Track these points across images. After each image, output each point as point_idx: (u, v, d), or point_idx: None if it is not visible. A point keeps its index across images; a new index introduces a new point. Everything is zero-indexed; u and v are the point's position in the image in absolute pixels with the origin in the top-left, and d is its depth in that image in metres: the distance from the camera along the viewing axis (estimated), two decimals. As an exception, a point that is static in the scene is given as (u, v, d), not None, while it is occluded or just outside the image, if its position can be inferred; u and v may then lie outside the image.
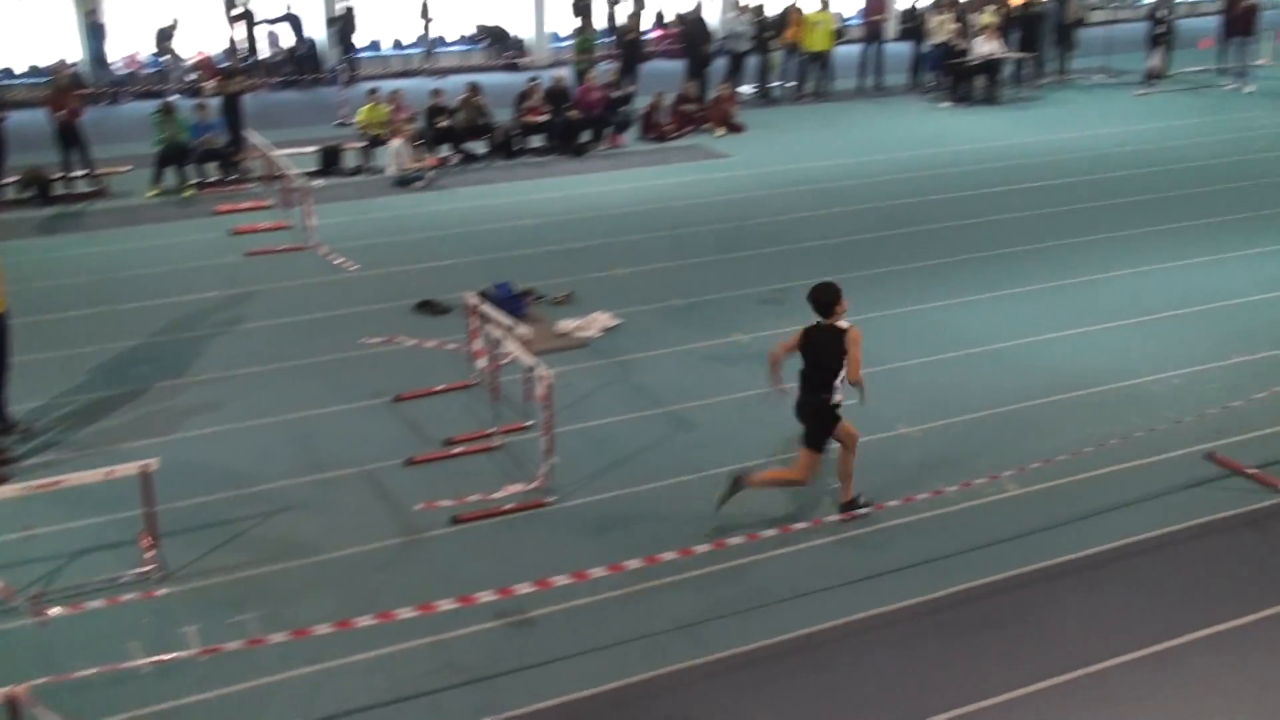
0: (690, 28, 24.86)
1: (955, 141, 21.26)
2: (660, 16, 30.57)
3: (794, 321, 12.87)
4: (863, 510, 9.01)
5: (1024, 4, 26.18)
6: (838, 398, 8.77)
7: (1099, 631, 7.76)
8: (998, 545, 8.73)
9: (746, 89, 25.13)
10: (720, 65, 24.88)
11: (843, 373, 8.66)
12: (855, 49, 26.53)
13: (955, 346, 12.23)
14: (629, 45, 24.51)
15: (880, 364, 11.77)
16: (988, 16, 24.99)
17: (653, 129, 21.78)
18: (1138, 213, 16.80)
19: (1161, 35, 25.97)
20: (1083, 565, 8.49)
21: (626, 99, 22.18)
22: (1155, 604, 8.04)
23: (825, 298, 8.75)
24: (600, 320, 12.90)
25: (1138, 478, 9.63)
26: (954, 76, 24.68)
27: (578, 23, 26.98)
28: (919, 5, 26.14)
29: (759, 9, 25.33)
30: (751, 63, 25.21)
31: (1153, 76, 25.90)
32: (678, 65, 25.64)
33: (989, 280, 14.16)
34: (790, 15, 25.20)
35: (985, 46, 24.43)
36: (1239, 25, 25.70)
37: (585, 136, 21.10)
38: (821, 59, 25.23)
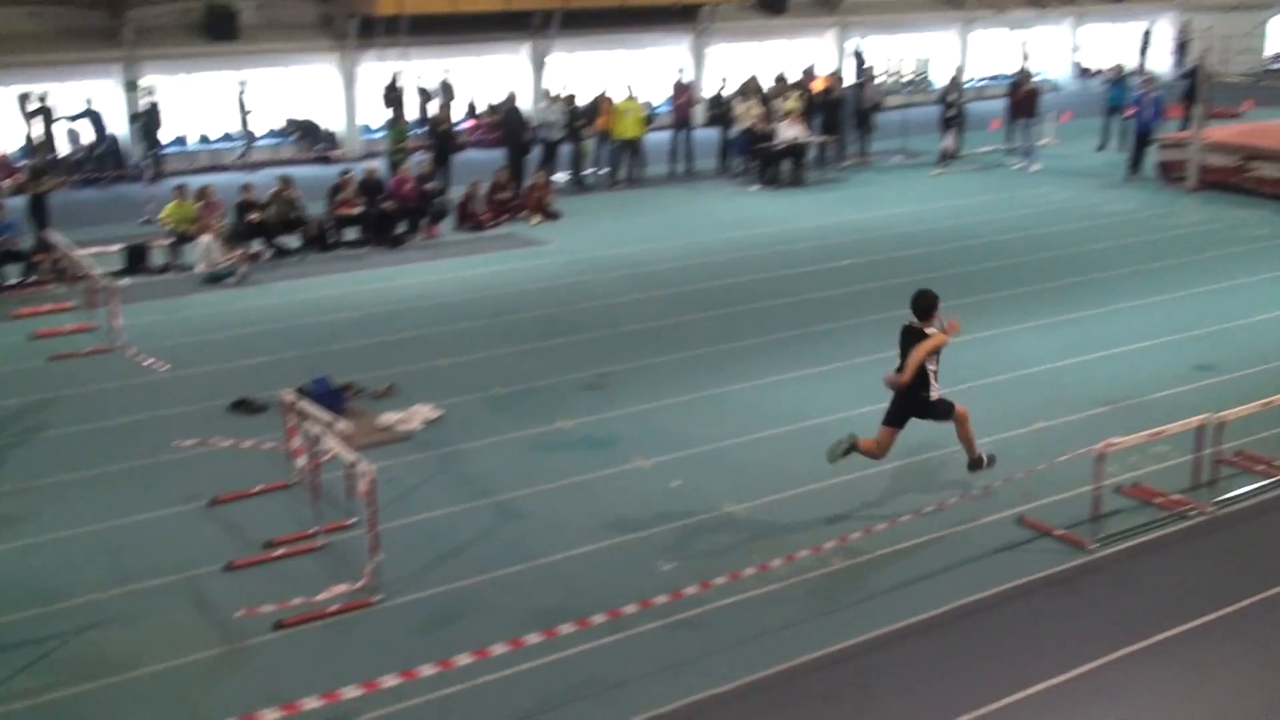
0: (508, 118, 25.06)
1: (765, 223, 21.83)
2: (473, 107, 30.75)
3: (618, 405, 13.03)
4: (987, 466, 10.35)
5: (824, 90, 27.20)
6: (934, 393, 10.02)
7: (930, 698, 7.91)
8: (826, 617, 8.86)
9: (561, 177, 25.40)
10: (535, 154, 25.10)
11: (934, 367, 9.98)
12: (665, 135, 27.10)
13: (775, 423, 12.47)
14: (442, 136, 24.55)
15: (703, 443, 11.92)
16: (791, 103, 25.84)
17: (469, 219, 21.79)
18: (941, 287, 17.41)
19: (953, 118, 27.22)
20: (908, 633, 8.67)
21: (441, 191, 22.18)
22: (982, 667, 8.26)
23: (922, 302, 10.24)
24: (422, 412, 12.75)
25: (956, 543, 9.92)
26: (761, 161, 25.40)
27: (389, 114, 26.94)
28: (725, 93, 26.90)
29: (570, 98, 25.70)
30: (565, 151, 25.52)
31: (947, 157, 27.10)
32: (492, 155, 25.77)
33: (805, 356, 14.51)
34: (601, 104, 25.63)
35: (789, 131, 25.24)
36: (1023, 108, 27.17)
37: (401, 228, 20.98)
38: (633, 146, 25.68)
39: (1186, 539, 10.08)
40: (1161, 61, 42.19)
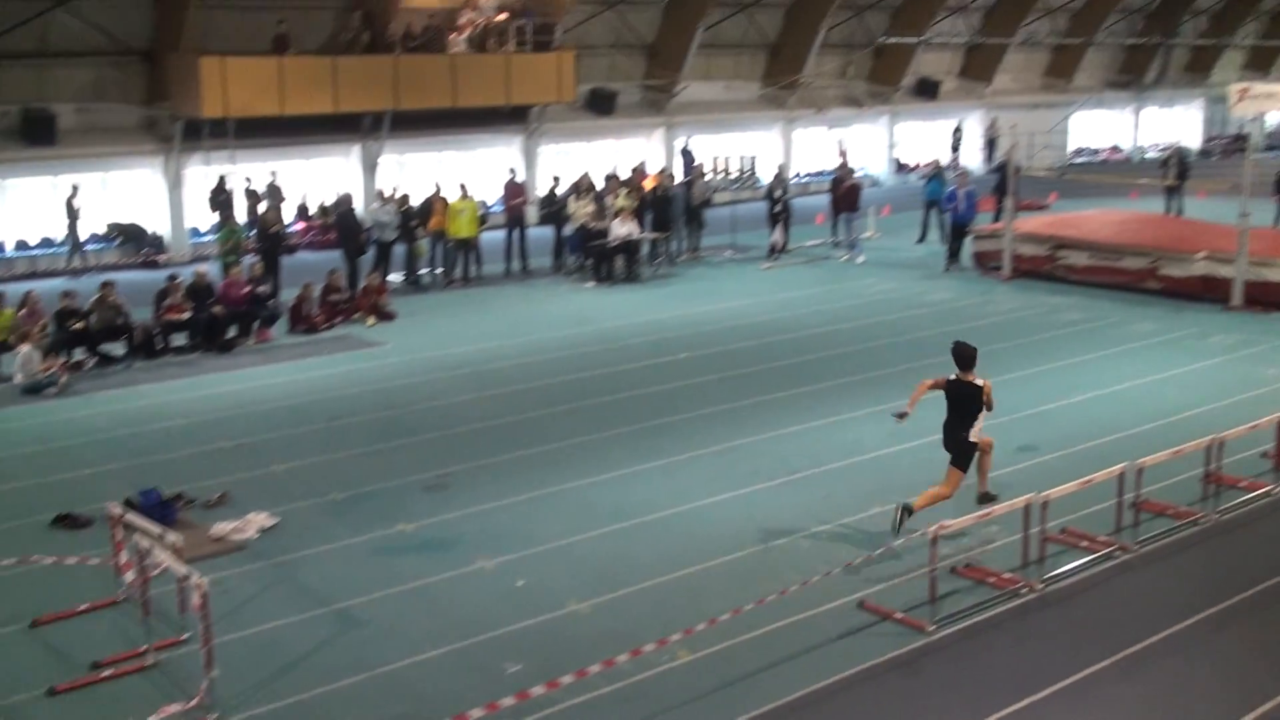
0: (342, 219, 24.85)
1: (602, 319, 22.03)
2: (304, 209, 30.44)
3: (460, 506, 12.88)
4: (993, 503, 11.74)
5: (655, 188, 27.73)
6: (975, 437, 11.62)
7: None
8: (672, 712, 8.83)
9: (396, 278, 25.26)
10: (369, 255, 24.91)
11: (982, 412, 11.55)
12: (500, 234, 27.22)
13: (618, 518, 12.48)
14: (272, 238, 24.20)
15: (547, 541, 11.85)
16: (623, 200, 26.27)
17: (302, 321, 21.46)
18: (775, 378, 17.84)
19: (779, 213, 27.97)
20: (756, 723, 8.69)
21: (272, 294, 21.82)
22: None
23: (966, 354, 11.85)
24: (257, 521, 12.41)
25: (800, 631, 10.02)
26: (595, 258, 25.69)
27: (219, 217, 26.45)
28: (558, 191, 27.19)
29: (403, 199, 25.66)
30: (399, 251, 25.41)
31: (775, 251, 27.83)
32: (325, 257, 25.50)
33: (646, 450, 14.60)
34: (434, 204, 25.64)
35: (622, 228, 25.62)
36: (845, 202, 28.10)
37: (232, 332, 20.53)
38: (468, 245, 25.72)
39: (1019, 616, 10.38)
40: (973, 157, 44.30)
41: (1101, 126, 50.39)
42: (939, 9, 40.92)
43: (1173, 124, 51.54)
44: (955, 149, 43.06)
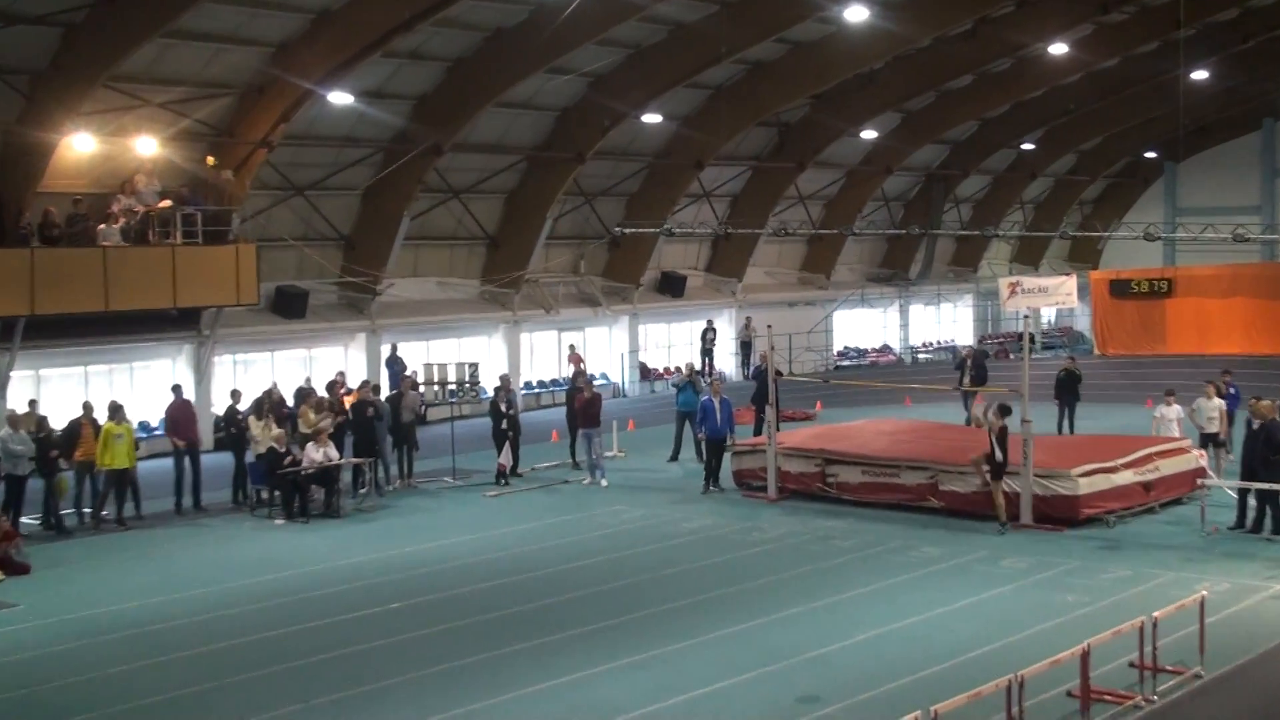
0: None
1: (296, 564, 21.55)
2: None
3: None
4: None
5: (357, 404, 27.64)
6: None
7: None
8: None
9: (31, 520, 24.19)
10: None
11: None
12: (166, 463, 26.52)
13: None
14: None
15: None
16: (316, 418, 26.09)
17: (-93, 579, 20.24)
18: (507, 629, 17.76)
19: (506, 430, 28.27)
20: None
21: None
22: None
23: (1008, 410, 21.05)
24: None
25: None
26: (285, 489, 25.27)
27: None
28: (239, 409, 26.77)
29: (42, 420, 24.81)
30: (34, 487, 24.39)
31: (503, 475, 28.04)
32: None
33: (354, 725, 14.26)
34: (81, 428, 24.85)
35: (318, 453, 25.37)
36: (584, 417, 28.53)
37: None
38: (124, 477, 24.93)
39: None
40: (727, 362, 46.12)
41: (867, 325, 53.47)
42: (679, 196, 42.97)
43: (943, 321, 55.12)
44: (707, 353, 44.66)
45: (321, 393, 28.91)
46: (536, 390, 40.96)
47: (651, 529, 23.78)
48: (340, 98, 30.89)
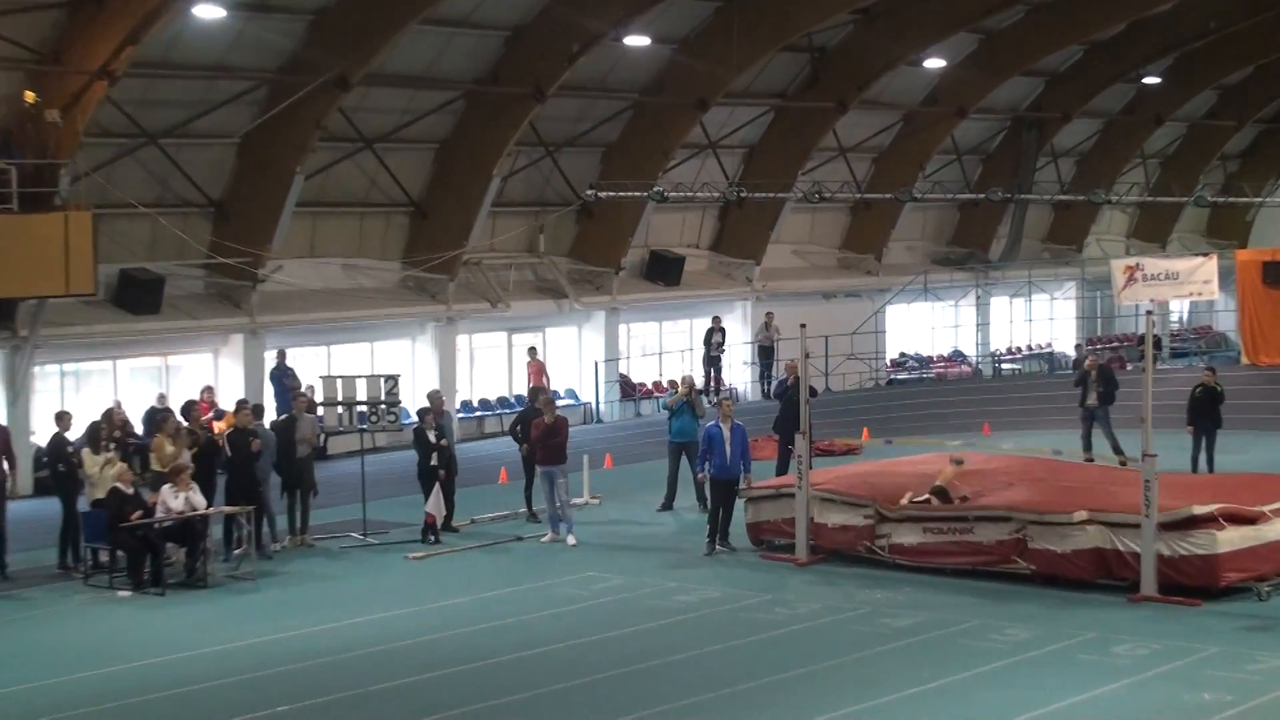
0: None
1: (146, 651, 21.39)
2: None
3: None
4: None
5: (232, 431, 27.39)
6: None
7: None
8: None
9: None
10: None
11: None
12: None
13: None
14: None
15: None
16: (170, 446, 25.85)
17: None
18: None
19: (437, 469, 27.92)
20: None
21: None
22: None
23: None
24: None
25: None
26: (133, 548, 25.09)
27: None
28: (68, 438, 26.56)
29: None
30: None
31: (432, 530, 27.76)
32: None
33: None
34: None
35: (176, 500, 25.15)
36: (546, 451, 27.97)
37: None
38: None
39: None
40: (740, 374, 45.88)
41: (932, 324, 53.15)
42: (674, 148, 42.62)
43: (1035, 319, 54.78)
44: (713, 363, 44.33)
45: (182, 417, 28.69)
46: (479, 413, 40.83)
47: (635, 604, 23.63)
48: (209, 10, 30.75)
